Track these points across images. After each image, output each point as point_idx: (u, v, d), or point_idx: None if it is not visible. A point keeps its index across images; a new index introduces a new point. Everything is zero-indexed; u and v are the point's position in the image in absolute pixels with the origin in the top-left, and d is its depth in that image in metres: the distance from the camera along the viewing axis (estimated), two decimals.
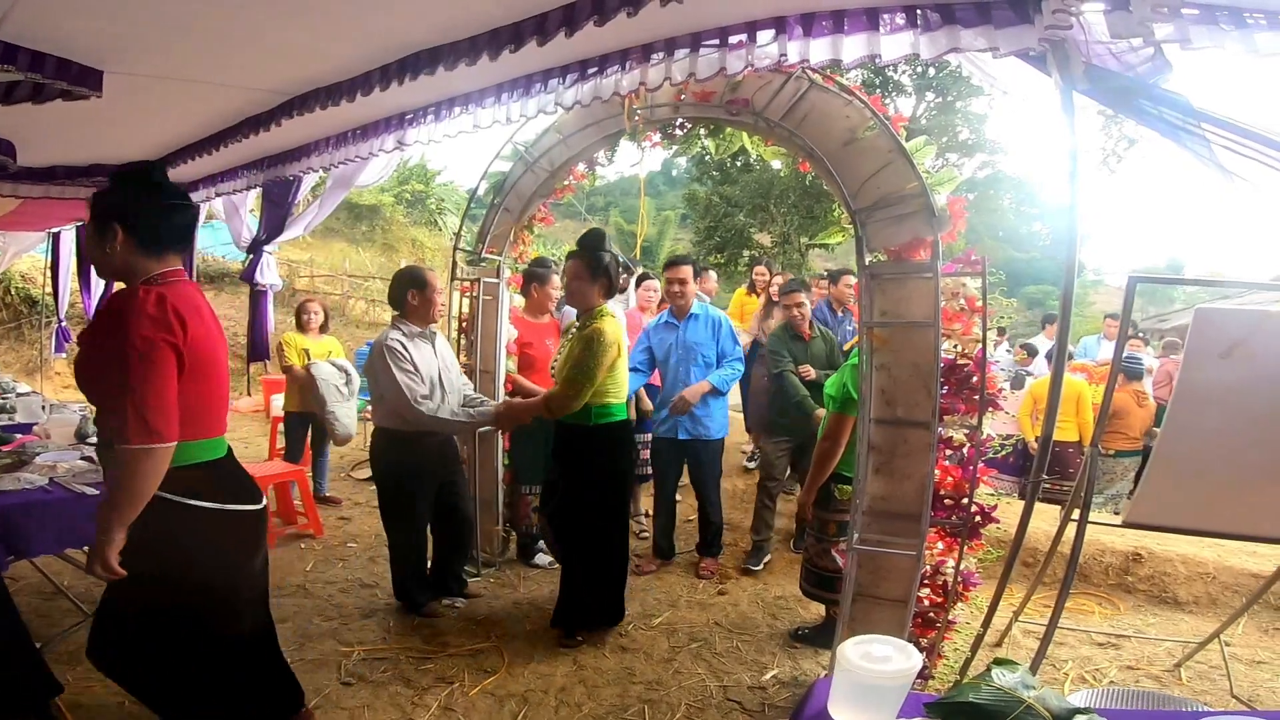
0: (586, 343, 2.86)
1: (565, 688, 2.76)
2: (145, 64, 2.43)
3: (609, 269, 2.95)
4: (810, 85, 2.63)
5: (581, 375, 2.84)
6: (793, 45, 1.96)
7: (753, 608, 3.56)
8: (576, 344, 2.92)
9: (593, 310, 2.96)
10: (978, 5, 1.78)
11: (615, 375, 2.98)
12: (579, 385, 2.86)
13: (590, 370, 2.84)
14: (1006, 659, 1.16)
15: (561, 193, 3.91)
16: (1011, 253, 26.07)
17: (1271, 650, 3.26)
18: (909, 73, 16.48)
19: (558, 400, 2.92)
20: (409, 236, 19.93)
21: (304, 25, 2.14)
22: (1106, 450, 5.20)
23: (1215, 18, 1.53)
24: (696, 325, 3.97)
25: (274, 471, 4.31)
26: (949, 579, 2.42)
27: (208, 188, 4.23)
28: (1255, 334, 2.01)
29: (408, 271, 3.26)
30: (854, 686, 1.11)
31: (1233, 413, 2.14)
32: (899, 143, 2.42)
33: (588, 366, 2.83)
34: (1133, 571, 3.92)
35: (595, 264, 2.94)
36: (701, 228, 18.60)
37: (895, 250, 2.40)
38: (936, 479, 2.34)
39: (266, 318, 5.38)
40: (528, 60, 2.32)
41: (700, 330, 3.97)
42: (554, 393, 2.97)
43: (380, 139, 3.10)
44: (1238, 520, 2.39)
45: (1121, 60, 1.84)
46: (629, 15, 1.78)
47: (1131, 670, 3.05)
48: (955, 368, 2.39)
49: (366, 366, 3.15)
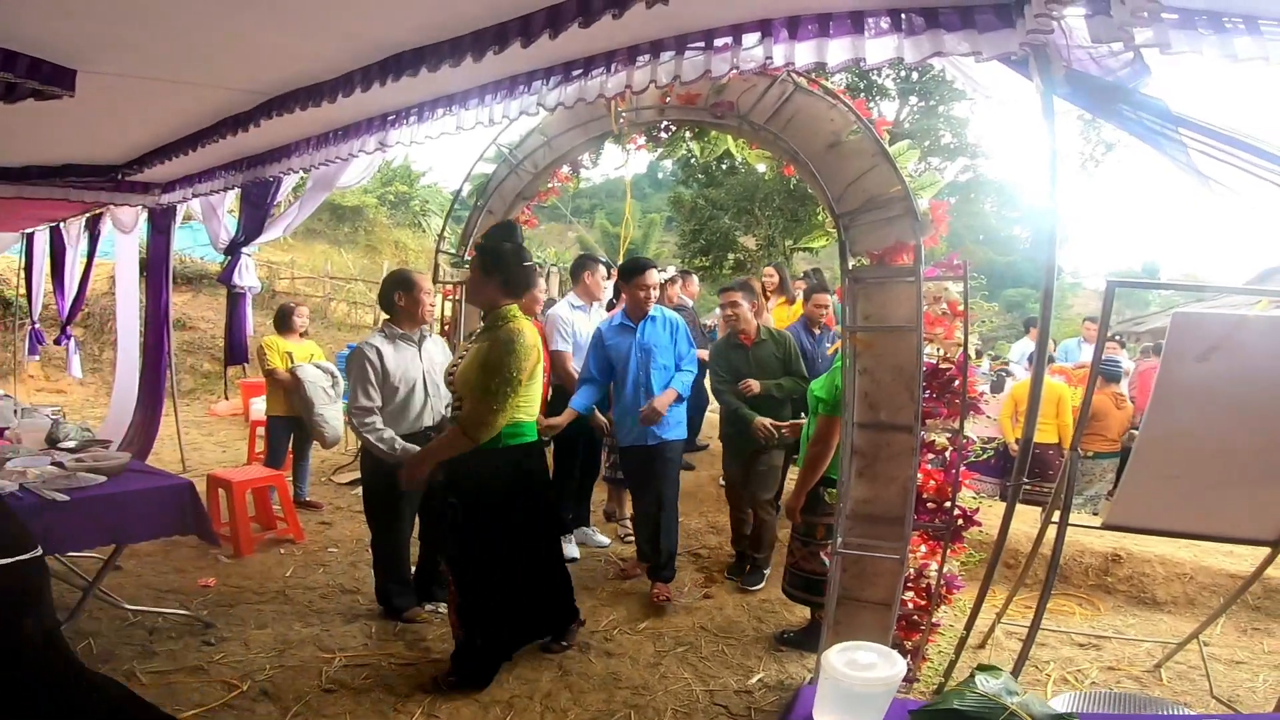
0: (503, 346, 2.43)
1: (550, 693, 2.74)
2: (120, 64, 2.39)
3: (507, 262, 2.56)
4: (795, 89, 2.64)
5: (502, 384, 2.41)
6: (778, 48, 1.96)
7: (738, 611, 3.55)
8: (486, 348, 2.47)
9: (498, 309, 2.57)
10: (961, 10, 1.79)
11: (531, 387, 2.61)
12: (500, 398, 2.41)
13: (512, 377, 2.42)
14: (990, 665, 1.16)
15: (545, 195, 3.90)
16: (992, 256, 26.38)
17: (1250, 650, 3.29)
18: (893, 76, 16.64)
19: (474, 419, 2.41)
20: (393, 238, 19.79)
21: (284, 26, 2.12)
22: (1085, 452, 5.25)
23: (1194, 22, 1.55)
24: (655, 328, 3.72)
25: (252, 476, 4.25)
26: (932, 582, 2.43)
27: (184, 188, 4.18)
28: (1232, 337, 2.03)
29: (394, 274, 3.23)
30: (839, 694, 1.10)
31: (1210, 416, 2.17)
32: (882, 147, 2.43)
33: (509, 373, 2.41)
34: (1112, 572, 3.96)
35: (490, 258, 2.58)
36: (686, 231, 18.63)
37: (878, 254, 2.41)
38: (919, 482, 2.35)
39: (245, 320, 5.32)
40: (512, 61, 2.31)
41: (659, 333, 3.72)
42: (468, 411, 2.43)
43: (362, 140, 3.07)
44: (1215, 522, 2.42)
45: (1101, 65, 1.86)
46: (614, 17, 1.78)
47: (1113, 671, 3.07)
48: (937, 371, 2.40)
49: (347, 368, 3.13)
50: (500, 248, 2.58)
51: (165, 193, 4.59)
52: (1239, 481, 2.28)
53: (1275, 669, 3.07)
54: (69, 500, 2.65)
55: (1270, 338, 2.06)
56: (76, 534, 2.69)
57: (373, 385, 3.00)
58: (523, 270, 2.60)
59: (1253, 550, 2.56)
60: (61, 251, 6.47)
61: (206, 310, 11.26)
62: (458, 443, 2.47)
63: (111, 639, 2.94)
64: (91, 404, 8.73)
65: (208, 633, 3.04)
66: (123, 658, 2.81)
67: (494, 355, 2.42)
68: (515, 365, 2.41)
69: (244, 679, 2.69)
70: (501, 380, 2.40)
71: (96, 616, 3.08)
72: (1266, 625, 3.51)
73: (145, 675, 2.70)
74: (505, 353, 2.41)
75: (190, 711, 2.48)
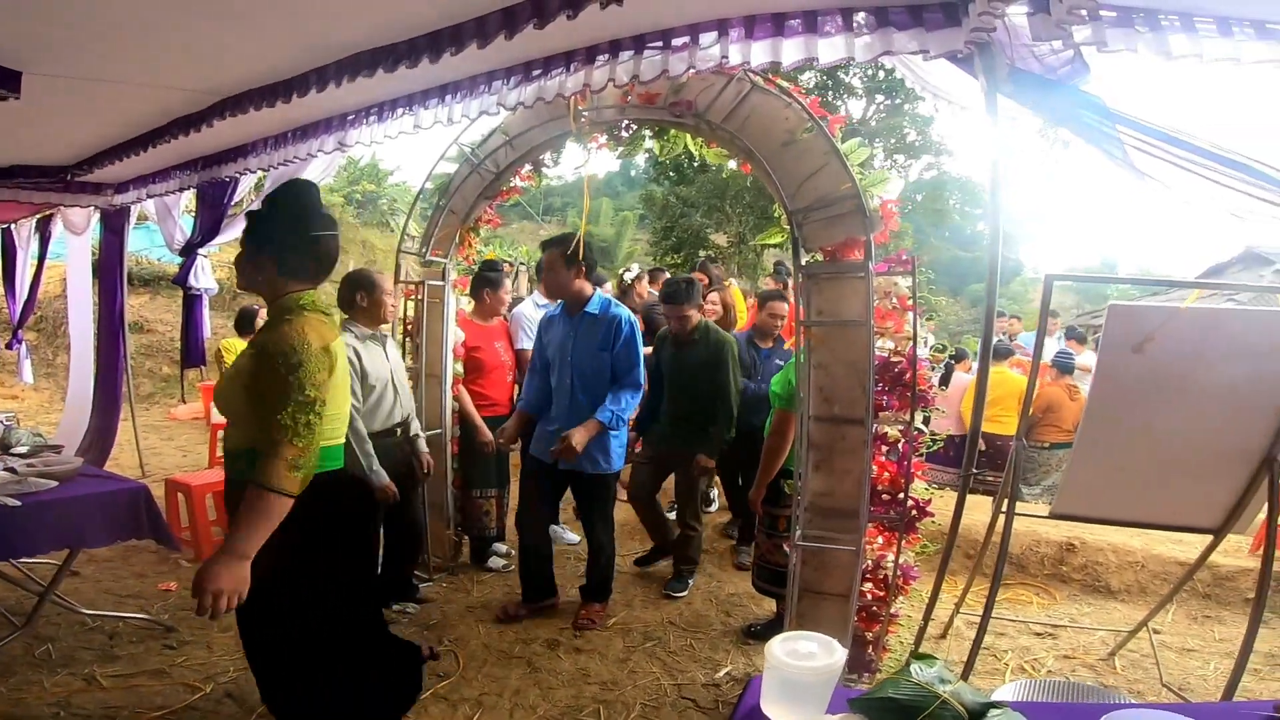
0: (277, 362, 1.68)
1: (520, 690, 2.75)
2: (67, 65, 2.34)
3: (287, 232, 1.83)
4: (752, 87, 2.67)
5: (299, 410, 1.65)
6: (734, 48, 1.98)
7: (706, 606, 3.59)
8: (253, 364, 1.76)
9: (281, 299, 1.82)
10: (910, 8, 1.83)
11: (333, 400, 1.82)
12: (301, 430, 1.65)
13: (309, 399, 1.67)
14: (926, 654, 1.20)
15: (508, 194, 3.88)
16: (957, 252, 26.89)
17: (1201, 638, 3.39)
18: (859, 75, 16.82)
19: (274, 469, 1.62)
20: (360, 238, 19.45)
21: (235, 28, 2.09)
22: (1041, 443, 5.40)
23: (1131, 20, 1.61)
24: (588, 327, 3.09)
25: (212, 480, 4.17)
26: (889, 573, 2.49)
27: (139, 189, 4.09)
28: (1164, 328, 2.10)
29: (356, 274, 3.21)
30: (782, 683, 1.13)
31: (1148, 406, 2.24)
32: (834, 145, 2.47)
33: (300, 395, 1.66)
34: (1067, 561, 4.07)
35: (260, 226, 1.88)
36: (658, 228, 18.66)
37: (830, 250, 2.45)
38: (874, 474, 2.40)
39: (202, 322, 5.22)
40: (471, 62, 2.30)
41: (592, 333, 3.08)
42: (263, 462, 1.64)
43: (320, 139, 3.03)
44: (1159, 511, 2.50)
45: (1043, 63, 1.92)
46: (569, 18, 1.78)
47: (1068, 659, 3.15)
48: (888, 365, 2.45)
49: None
50: (274, 212, 1.87)
51: (118, 193, 4.49)
52: (1179, 470, 2.36)
53: (1225, 657, 3.14)
54: (20, 505, 2.59)
55: (1200, 329, 2.14)
56: (30, 539, 2.62)
57: (358, 384, 2.97)
58: (312, 244, 1.84)
59: (1200, 538, 2.64)
60: (12, 254, 6.28)
61: (165, 313, 10.97)
62: (270, 507, 1.63)
63: (70, 643, 2.90)
64: (46, 410, 8.47)
65: (169, 636, 3.00)
66: (82, 661, 2.77)
67: (266, 377, 1.69)
68: (305, 382, 1.67)
69: (207, 681, 2.67)
70: (296, 406, 1.65)
71: (55, 622, 3.02)
72: (1217, 613, 3.62)
73: (106, 679, 2.66)
74: (284, 370, 1.67)
75: (153, 714, 2.46)
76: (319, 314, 1.83)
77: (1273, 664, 3.09)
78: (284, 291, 1.83)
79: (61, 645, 2.88)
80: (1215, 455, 2.31)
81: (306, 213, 1.86)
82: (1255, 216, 1.89)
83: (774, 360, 3.97)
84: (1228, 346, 2.15)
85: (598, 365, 3.08)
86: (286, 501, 1.65)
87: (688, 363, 3.60)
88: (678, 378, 3.63)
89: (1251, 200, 1.85)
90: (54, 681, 2.63)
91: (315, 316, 1.81)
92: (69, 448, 4.27)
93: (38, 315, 9.12)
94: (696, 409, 3.61)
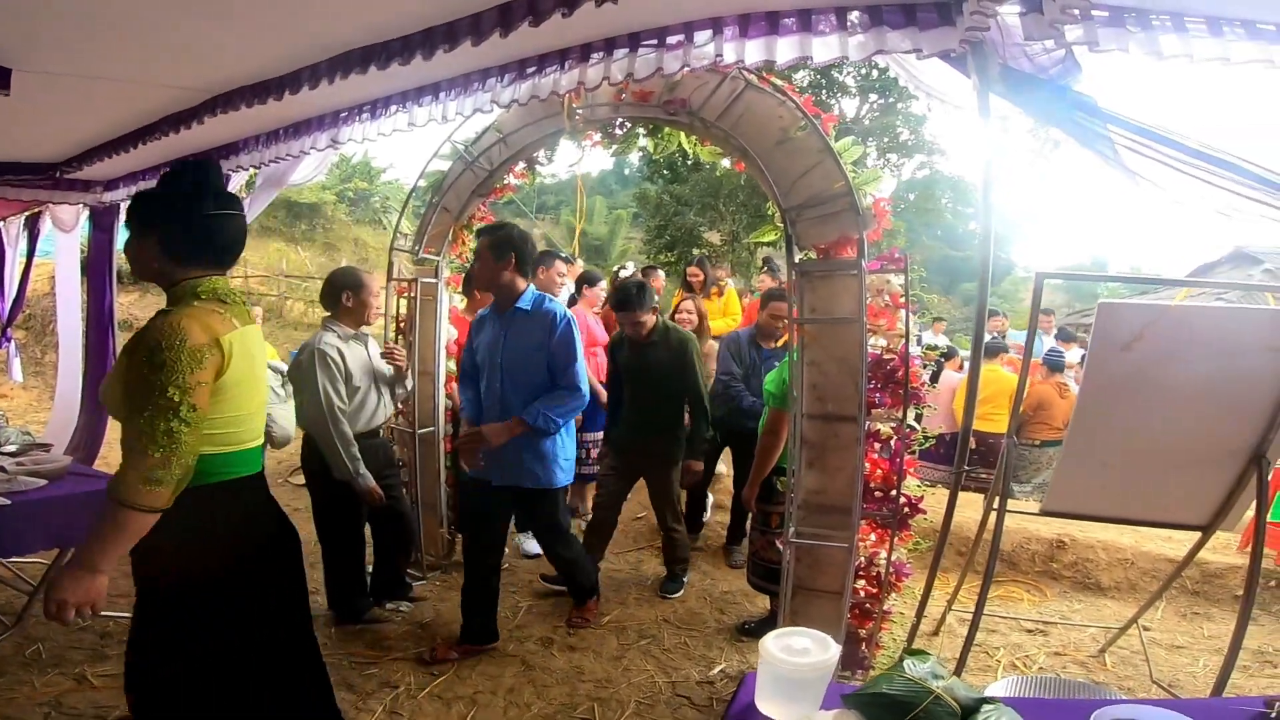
0: (148, 354, 1.48)
1: (514, 688, 2.75)
2: (58, 62, 2.31)
3: (175, 214, 1.64)
4: (746, 85, 2.67)
5: (157, 414, 1.45)
6: (729, 46, 1.98)
7: (700, 603, 3.59)
8: (127, 358, 1.55)
9: (175, 286, 1.66)
10: (904, 8, 1.84)
11: (230, 401, 1.61)
12: (160, 438, 1.45)
13: (172, 401, 1.45)
14: (918, 649, 1.21)
15: (501, 192, 3.88)
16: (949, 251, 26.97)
17: (1190, 635, 3.42)
18: (853, 74, 16.87)
19: (127, 478, 1.44)
20: (352, 236, 19.40)
21: (228, 25, 2.07)
22: (1032, 440, 5.43)
23: (1123, 20, 1.62)
24: (520, 325, 2.79)
25: None
26: (882, 570, 2.50)
27: (128, 186, 4.05)
28: (1153, 327, 2.12)
29: (344, 272, 3.19)
30: (777, 679, 1.13)
31: (1137, 403, 2.26)
32: (828, 143, 2.48)
33: (163, 397, 1.45)
34: (1057, 558, 4.10)
35: (145, 209, 1.69)
36: (652, 226, 18.67)
37: (824, 248, 2.46)
38: (866, 472, 2.41)
39: None
40: (465, 59, 2.29)
41: (525, 332, 2.77)
42: (121, 468, 1.47)
43: (313, 137, 3.01)
44: (1148, 507, 2.52)
45: (1035, 62, 1.93)
46: (564, 16, 1.78)
47: (1059, 656, 3.18)
48: (881, 362, 2.46)
49: (292, 369, 3.06)
50: (163, 191, 1.68)
51: (108, 190, 4.45)
52: (1168, 467, 2.38)
53: (1214, 653, 3.17)
54: (10, 504, 2.58)
55: (1189, 327, 2.16)
56: (19, 538, 2.62)
57: (342, 385, 2.95)
58: (205, 225, 1.66)
59: (1189, 535, 2.66)
60: (0, 252, 6.22)
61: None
62: (122, 522, 1.46)
63: (61, 643, 2.88)
64: (35, 408, 8.41)
65: None
66: (73, 661, 2.76)
67: (132, 376, 1.50)
68: (167, 383, 1.45)
69: None
70: (155, 409, 1.45)
71: (45, 621, 2.96)
72: (1205, 610, 3.66)
73: (97, 678, 2.65)
74: (146, 369, 1.47)
75: None
76: (215, 303, 1.63)
77: (1261, 661, 3.12)
78: (179, 279, 1.65)
79: (52, 645, 2.86)
80: (1204, 452, 2.33)
81: (199, 190, 1.66)
82: (1243, 215, 1.91)
83: (773, 362, 3.74)
84: (1216, 344, 2.16)
85: (531, 368, 2.75)
86: (144, 517, 1.46)
87: (649, 364, 3.42)
88: (640, 380, 3.43)
89: (1239, 199, 1.87)
90: (45, 681, 2.61)
91: (207, 307, 1.61)
92: (58, 446, 4.24)
93: (26, 313, 9.05)
94: (662, 412, 3.47)
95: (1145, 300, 2.86)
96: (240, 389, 1.63)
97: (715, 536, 4.42)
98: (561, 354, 2.74)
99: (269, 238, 17.31)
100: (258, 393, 1.73)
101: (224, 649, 1.62)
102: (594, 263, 16.41)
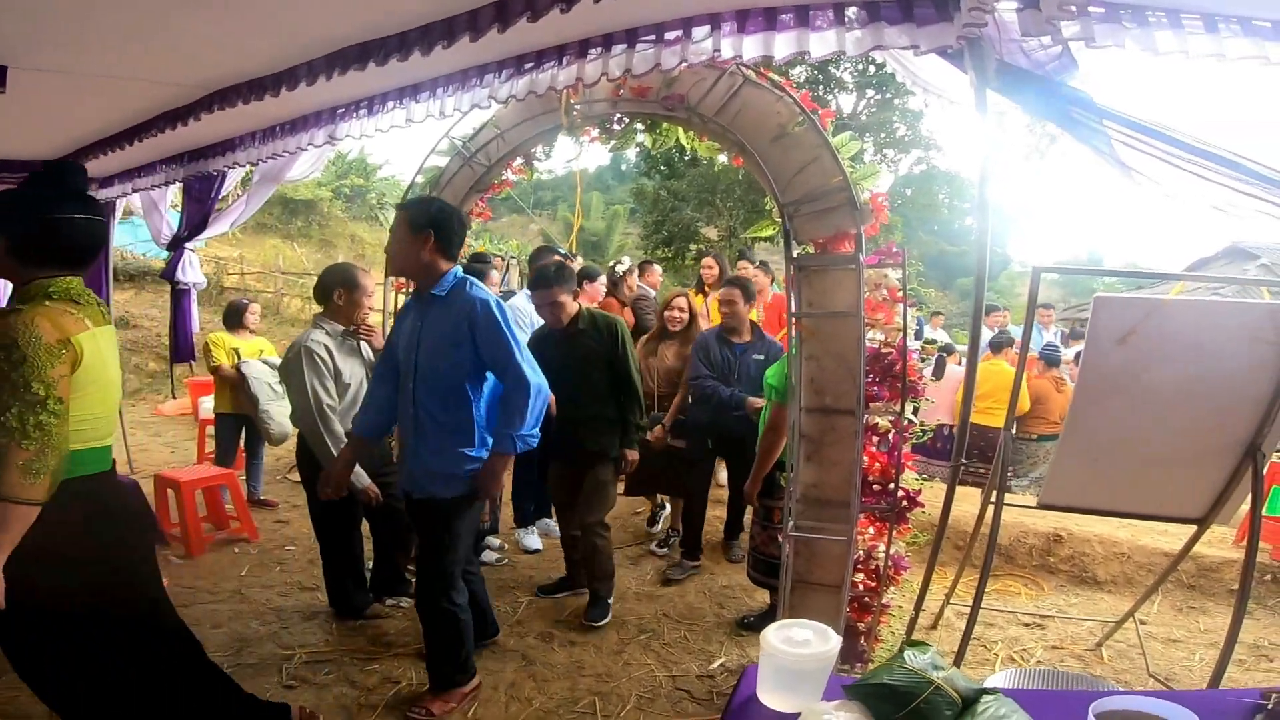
0: (4, 350, 1.53)
1: (515, 683, 2.75)
2: (53, 60, 2.31)
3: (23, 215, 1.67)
4: (744, 81, 2.67)
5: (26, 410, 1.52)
6: (726, 41, 1.99)
7: (699, 598, 3.61)
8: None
9: (24, 289, 1.68)
10: (901, 3, 1.84)
11: (81, 400, 1.65)
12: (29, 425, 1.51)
13: (34, 395, 1.52)
14: (918, 640, 1.22)
15: (499, 188, 3.87)
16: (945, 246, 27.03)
17: (1186, 629, 3.44)
18: (850, 70, 16.86)
19: (3, 471, 1.51)
20: (348, 232, 19.36)
21: (224, 22, 2.07)
22: (1029, 434, 5.45)
23: (1119, 16, 1.63)
24: (435, 315, 2.36)
25: (202, 475, 4.16)
26: (880, 563, 2.51)
27: (124, 183, 4.05)
28: (1148, 320, 2.13)
29: (340, 269, 3.16)
30: (777, 671, 1.14)
31: (1131, 397, 2.27)
32: (826, 138, 2.49)
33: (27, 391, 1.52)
34: (1054, 552, 4.11)
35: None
36: (649, 222, 18.69)
37: (821, 242, 2.47)
38: (864, 465, 2.42)
39: (190, 317, 5.17)
40: (463, 55, 2.29)
41: (439, 323, 2.35)
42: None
43: (310, 133, 3.01)
44: (1144, 501, 2.54)
45: (1032, 58, 1.94)
46: (562, 11, 1.78)
47: (1056, 650, 3.19)
48: (879, 356, 2.47)
49: (282, 366, 3.04)
50: (10, 193, 1.72)
51: (103, 187, 4.43)
52: (1163, 461, 2.39)
53: (1210, 647, 3.18)
54: None
55: (1182, 322, 2.17)
56: None
57: (331, 382, 2.94)
58: (52, 227, 1.67)
59: (1185, 529, 2.68)
60: None
61: (150, 308, 10.88)
62: (9, 517, 1.51)
63: None
64: None
65: None
66: None
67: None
68: (30, 379, 1.51)
69: None
70: (23, 404, 1.51)
71: None
72: (1201, 604, 3.67)
73: None
74: (6, 366, 1.52)
75: None
76: (66, 303, 1.65)
77: (1257, 654, 3.14)
78: (29, 279, 1.68)
79: None
80: (1199, 445, 2.34)
81: (54, 193, 1.70)
82: (1238, 210, 1.92)
83: (750, 355, 3.60)
84: (1212, 338, 2.18)
85: (443, 365, 2.33)
86: (28, 511, 1.53)
87: (578, 356, 3.11)
88: (572, 374, 3.07)
89: (1235, 195, 1.88)
90: None
91: (58, 306, 1.63)
92: None
93: None
94: (600, 407, 3.19)
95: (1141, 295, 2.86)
96: (94, 388, 1.67)
97: (714, 532, 4.43)
98: (492, 347, 2.28)
99: (265, 234, 17.26)
100: (110, 393, 1.76)
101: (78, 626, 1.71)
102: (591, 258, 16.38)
